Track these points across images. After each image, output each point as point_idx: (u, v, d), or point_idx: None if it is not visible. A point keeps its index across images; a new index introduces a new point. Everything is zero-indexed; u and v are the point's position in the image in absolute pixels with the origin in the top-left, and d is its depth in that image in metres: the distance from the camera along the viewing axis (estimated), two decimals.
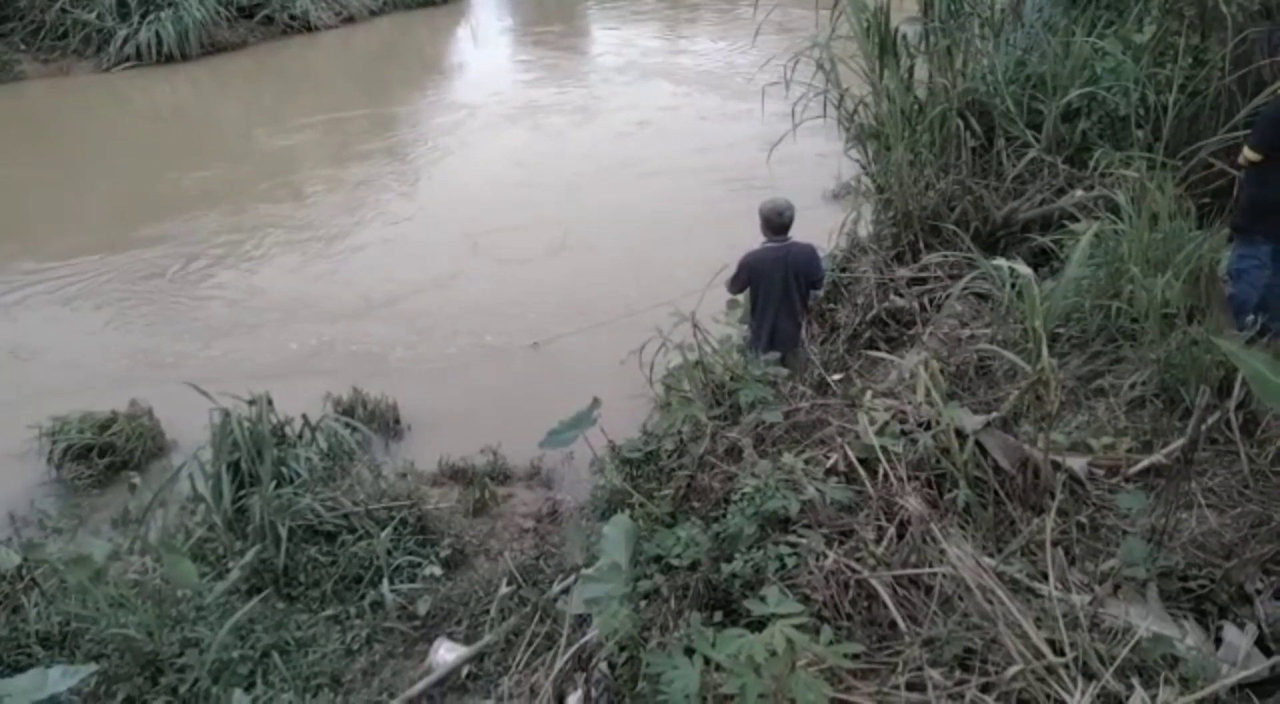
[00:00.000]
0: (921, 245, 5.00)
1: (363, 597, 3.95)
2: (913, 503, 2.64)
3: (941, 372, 3.24)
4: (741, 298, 4.96)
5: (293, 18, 16.68)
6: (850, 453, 2.92)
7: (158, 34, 15.00)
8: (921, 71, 5.76)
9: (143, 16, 15.14)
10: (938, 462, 2.85)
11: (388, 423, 5.83)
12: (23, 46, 15.12)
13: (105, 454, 5.44)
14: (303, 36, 16.63)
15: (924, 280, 4.74)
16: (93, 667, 3.15)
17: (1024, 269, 3.34)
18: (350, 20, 17.55)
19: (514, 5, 20.86)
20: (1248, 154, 3.81)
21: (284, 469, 4.45)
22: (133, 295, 7.92)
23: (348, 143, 11.64)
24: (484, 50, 16.83)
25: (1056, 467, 2.83)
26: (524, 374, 6.31)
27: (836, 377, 4.12)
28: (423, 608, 3.91)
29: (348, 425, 5.04)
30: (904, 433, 2.96)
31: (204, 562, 4.02)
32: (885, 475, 2.80)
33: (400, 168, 10.73)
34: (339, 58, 16.62)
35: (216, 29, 15.65)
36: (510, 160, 10.58)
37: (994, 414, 2.98)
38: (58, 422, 5.59)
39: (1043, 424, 2.84)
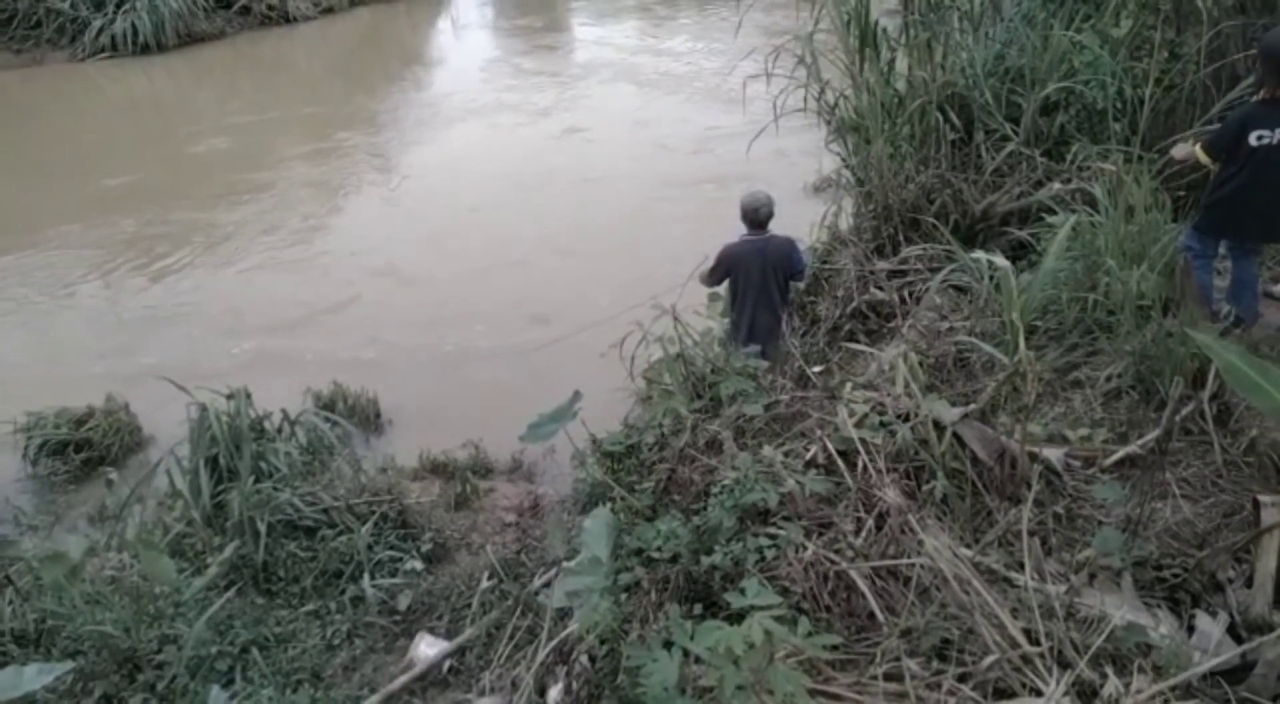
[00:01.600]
0: (901, 238, 5.02)
1: (343, 592, 3.93)
2: (891, 494, 2.66)
3: (920, 364, 3.25)
4: (721, 291, 4.97)
5: (270, 8, 16.54)
6: (830, 445, 2.94)
7: (133, 24, 14.85)
8: (901, 65, 5.78)
9: (118, 6, 14.98)
10: (916, 453, 2.87)
11: (368, 417, 5.80)
12: None
13: (81, 450, 5.38)
14: (281, 27, 16.49)
15: (904, 273, 4.77)
16: (69, 664, 3.12)
17: (1002, 262, 3.37)
18: (329, 11, 17.42)
19: None
20: (1199, 155, 3.82)
21: (263, 464, 4.42)
22: (106, 288, 7.85)
23: (322, 136, 11.54)
24: (463, 43, 16.75)
25: (1033, 458, 2.85)
26: (505, 369, 6.29)
27: (817, 369, 4.13)
28: (404, 602, 3.89)
29: (328, 420, 5.01)
30: (883, 425, 2.98)
31: (182, 558, 3.99)
32: (864, 467, 2.82)
33: (375, 162, 10.66)
34: (317, 49, 16.48)
35: (194, 19, 15.51)
36: (483, 156, 10.54)
37: (972, 406, 3.00)
38: (33, 417, 5.53)
39: (1020, 416, 2.87)
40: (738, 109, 10.74)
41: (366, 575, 3.96)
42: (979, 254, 3.74)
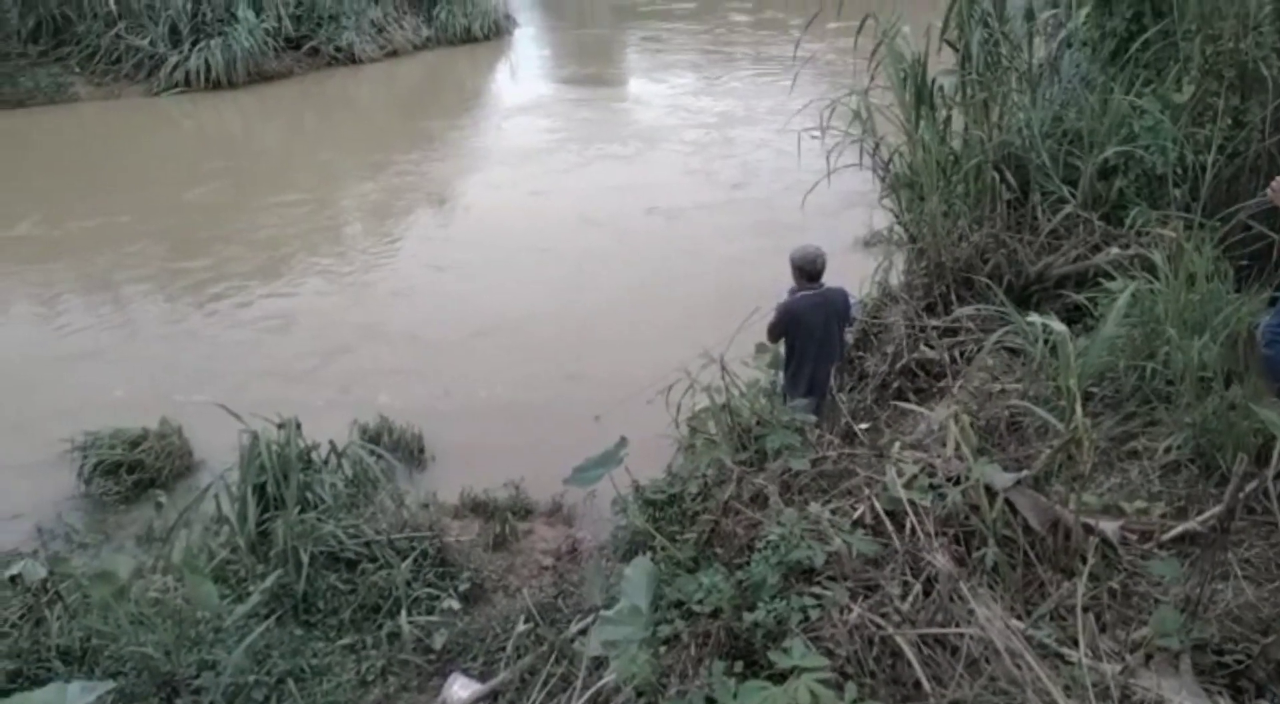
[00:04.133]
0: (953, 297, 4.97)
1: (380, 627, 3.94)
2: (940, 559, 2.61)
3: (972, 426, 3.21)
4: (775, 344, 4.96)
5: (338, 50, 17.12)
6: (878, 505, 2.89)
7: (207, 61, 15.46)
8: (957, 123, 5.78)
9: (193, 44, 15.60)
10: (966, 518, 2.82)
11: (412, 452, 5.86)
12: (77, 70, 15.62)
13: (134, 471, 5.51)
14: (347, 68, 17.05)
15: (955, 332, 4.71)
16: (110, 684, 3.15)
17: (1058, 326, 3.32)
18: (394, 54, 17.98)
19: (556, 44, 21.25)
20: None
21: (309, 494, 4.48)
22: (169, 314, 8.08)
23: (379, 171, 11.87)
24: (521, 88, 17.11)
25: (1088, 530, 2.78)
26: (549, 410, 6.32)
27: (864, 426, 4.09)
28: (439, 641, 3.89)
29: (373, 453, 5.07)
30: (932, 487, 2.93)
31: (225, 583, 4.04)
32: (913, 530, 2.77)
33: (429, 198, 10.92)
34: (380, 89, 17.00)
35: (264, 58, 16.09)
36: (534, 197, 10.71)
37: (1025, 472, 2.94)
38: (90, 436, 5.68)
39: (1075, 485, 2.80)
40: (789, 161, 10.85)
41: (404, 612, 3.97)
42: (1034, 317, 3.70)
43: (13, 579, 3.76)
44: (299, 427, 4.79)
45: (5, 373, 7.05)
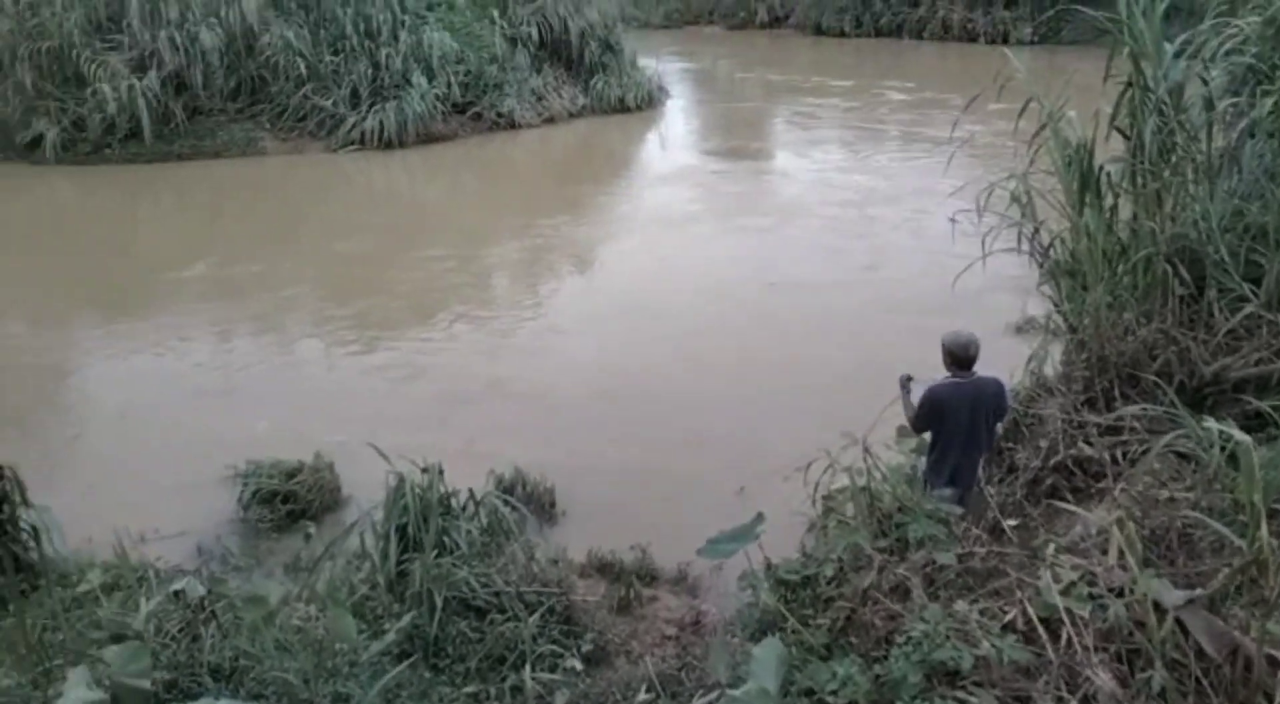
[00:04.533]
0: (1116, 394, 4.71)
1: (504, 679, 3.98)
2: (1101, 677, 2.44)
3: (1136, 534, 3.01)
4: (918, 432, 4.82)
5: (499, 116, 18.10)
6: (1031, 610, 2.74)
7: (381, 122, 16.60)
8: (1124, 212, 5.55)
9: (370, 106, 16.81)
10: (1130, 635, 2.63)
11: (543, 506, 5.96)
12: (268, 126, 17.09)
13: (287, 501, 5.83)
14: (507, 133, 17.98)
15: (1118, 430, 4.45)
16: None
17: (1240, 435, 3.09)
18: (551, 121, 18.86)
19: (705, 117, 21.75)
20: None
21: (446, 539, 4.61)
22: (316, 356, 8.62)
23: (528, 235, 12.35)
24: (669, 157, 17.56)
25: (1274, 664, 2.54)
26: (681, 477, 6.32)
27: (1012, 522, 3.90)
28: (560, 701, 3.89)
29: (508, 504, 5.19)
30: (1092, 597, 2.76)
31: (362, 618, 4.19)
32: (1069, 641, 2.61)
33: (572, 263, 11.24)
34: (536, 153, 17.83)
35: (432, 121, 17.16)
36: (674, 263, 10.84)
37: (1199, 591, 2.73)
38: (251, 465, 6.06)
39: (1258, 611, 2.58)
40: (929, 241, 10.67)
41: (528, 667, 4.00)
42: (1210, 422, 3.46)
43: (176, 594, 4.01)
44: (441, 472, 4.96)
45: (173, 400, 7.67)
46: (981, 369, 4.62)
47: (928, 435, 4.62)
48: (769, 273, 10.24)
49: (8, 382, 7.89)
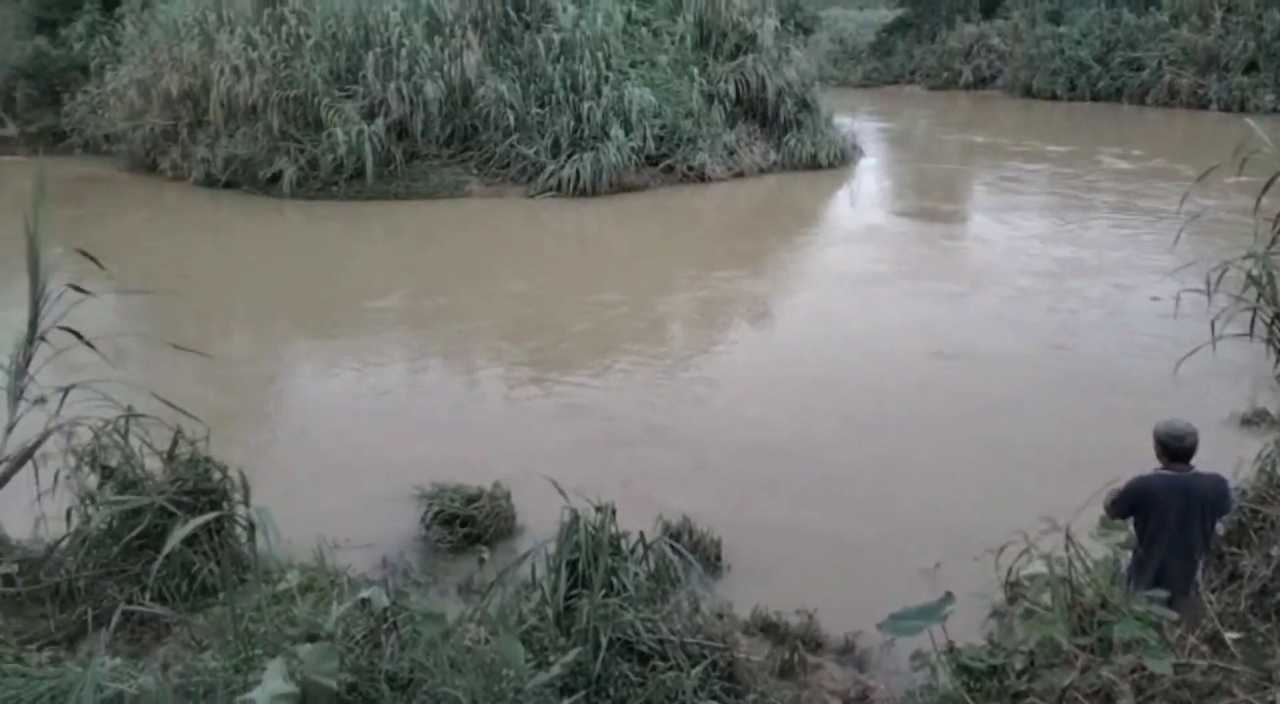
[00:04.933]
0: None
1: None
2: None
3: None
4: (1116, 519, 4.43)
5: (690, 168, 18.55)
6: None
7: (577, 171, 17.38)
8: None
9: (569, 156, 17.64)
10: None
11: (709, 557, 5.90)
12: (474, 171, 18.29)
13: (465, 525, 6.07)
14: (696, 185, 18.38)
15: None
16: None
17: None
18: (741, 175, 19.13)
19: (899, 176, 21.40)
20: None
21: (614, 579, 4.64)
22: (489, 387, 9.08)
23: (706, 286, 12.46)
24: (857, 215, 17.33)
25: None
26: (858, 545, 6.11)
27: (1235, 636, 3.49)
28: None
29: (676, 551, 5.17)
30: None
31: (529, 648, 4.26)
32: None
33: (745, 317, 11.21)
34: (723, 205, 18.09)
35: (625, 172, 17.79)
36: (845, 327, 10.56)
37: None
38: (435, 487, 6.37)
39: None
40: (1131, 319, 9.92)
41: None
42: None
43: (363, 601, 4.24)
44: (614, 513, 5.02)
45: (357, 417, 8.27)
46: (1200, 464, 4.21)
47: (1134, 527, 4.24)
48: (941, 341, 9.81)
49: (222, 387, 8.70)
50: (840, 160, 20.55)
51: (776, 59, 20.45)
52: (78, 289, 3.70)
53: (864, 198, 18.89)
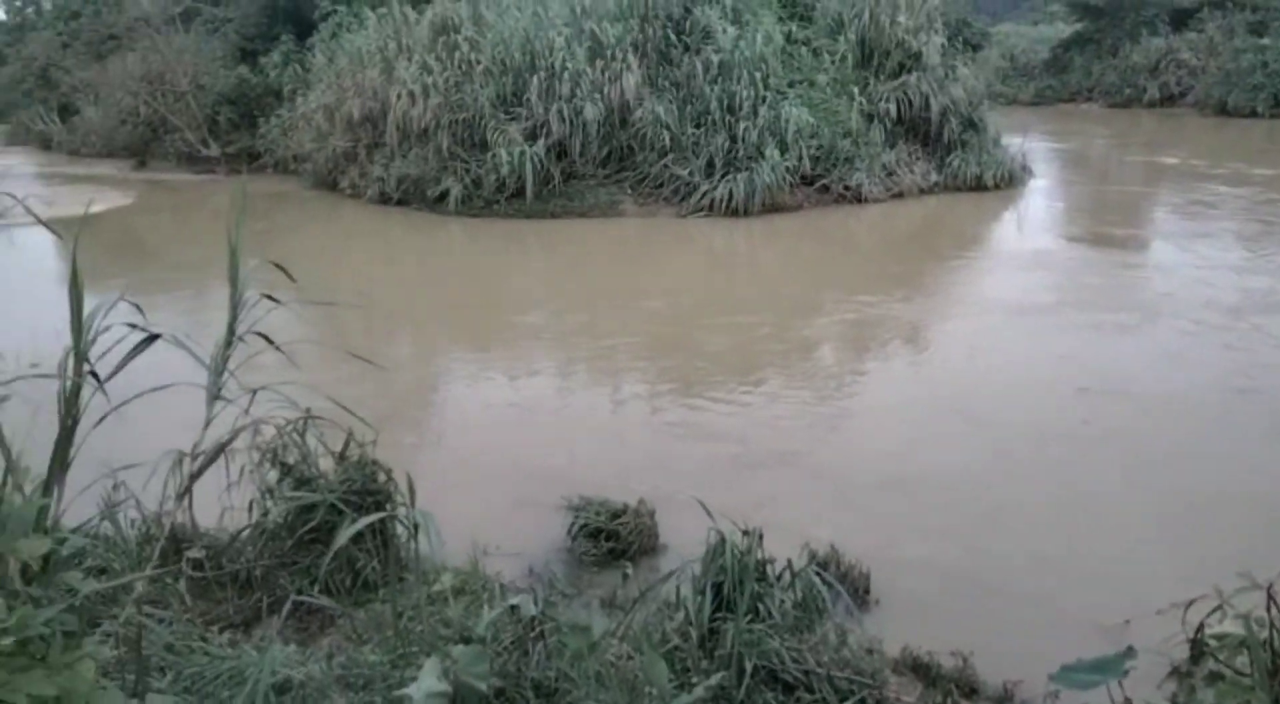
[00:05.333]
0: None
1: None
2: None
3: None
4: None
5: (847, 188, 18.24)
6: None
7: (730, 191, 17.41)
8: None
9: (722, 176, 17.69)
10: None
11: (857, 590, 5.70)
12: (629, 191, 18.64)
13: (610, 539, 6.12)
14: (851, 206, 18.04)
15: None
16: None
17: None
18: (899, 196, 18.65)
19: (1072, 199, 20.26)
20: None
21: (759, 605, 4.55)
22: (649, 400, 9.11)
23: (853, 308, 12.13)
24: (1024, 239, 16.51)
25: None
26: (1005, 585, 5.76)
27: None
28: None
29: (824, 581, 5.02)
30: None
31: (671, 667, 4.24)
32: None
33: (892, 343, 10.83)
34: (878, 227, 17.65)
35: (779, 192, 17.69)
36: (1005, 359, 9.95)
37: None
38: (583, 500, 6.47)
39: None
40: None
41: None
42: None
43: (512, 608, 4.34)
44: (761, 538, 4.93)
45: (500, 427, 8.52)
46: None
47: None
48: (1107, 377, 9.10)
49: (382, 392, 9.16)
50: (1008, 181, 19.67)
51: (942, 77, 19.85)
52: (270, 298, 3.99)
53: (1032, 221, 17.98)
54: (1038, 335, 10.72)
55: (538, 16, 19.68)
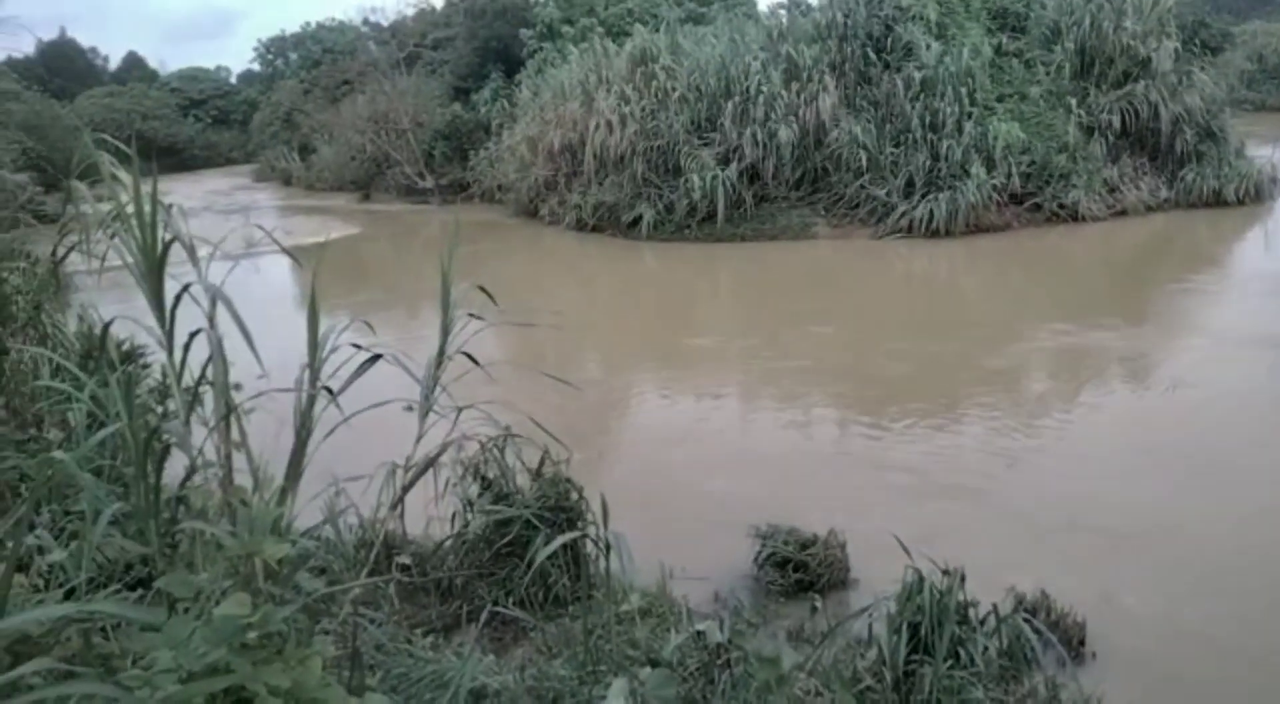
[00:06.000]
0: None
1: None
2: None
3: None
4: None
5: (1061, 206, 17.07)
6: None
7: (930, 211, 16.73)
8: None
9: (922, 196, 17.03)
10: None
11: (1070, 641, 5.22)
12: (822, 212, 18.36)
13: (798, 570, 5.95)
14: (1066, 225, 16.84)
15: None
16: None
17: None
18: (1122, 214, 17.22)
19: None
20: None
21: (960, 650, 4.27)
22: (805, 431, 8.95)
23: (1071, 334, 11.26)
24: (1271, 262, 14.74)
25: None
26: (1250, 643, 5.11)
27: None
28: None
29: (1035, 630, 4.65)
30: None
31: None
32: None
33: (1117, 374, 9.94)
34: (1096, 248, 16.36)
35: (985, 212, 16.83)
36: (1254, 399, 8.81)
37: None
38: (770, 528, 6.34)
39: None
40: None
41: None
42: None
43: (699, 634, 4.30)
44: (963, 579, 4.63)
45: (670, 447, 8.56)
46: None
47: None
48: None
49: (570, 411, 9.39)
50: (1253, 197, 17.70)
51: (1175, 84, 18.18)
52: (476, 317, 4.20)
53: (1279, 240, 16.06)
54: (1270, 370, 9.50)
55: (734, 42, 19.84)
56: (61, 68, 58.04)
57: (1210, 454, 7.60)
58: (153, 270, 3.02)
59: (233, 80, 65.61)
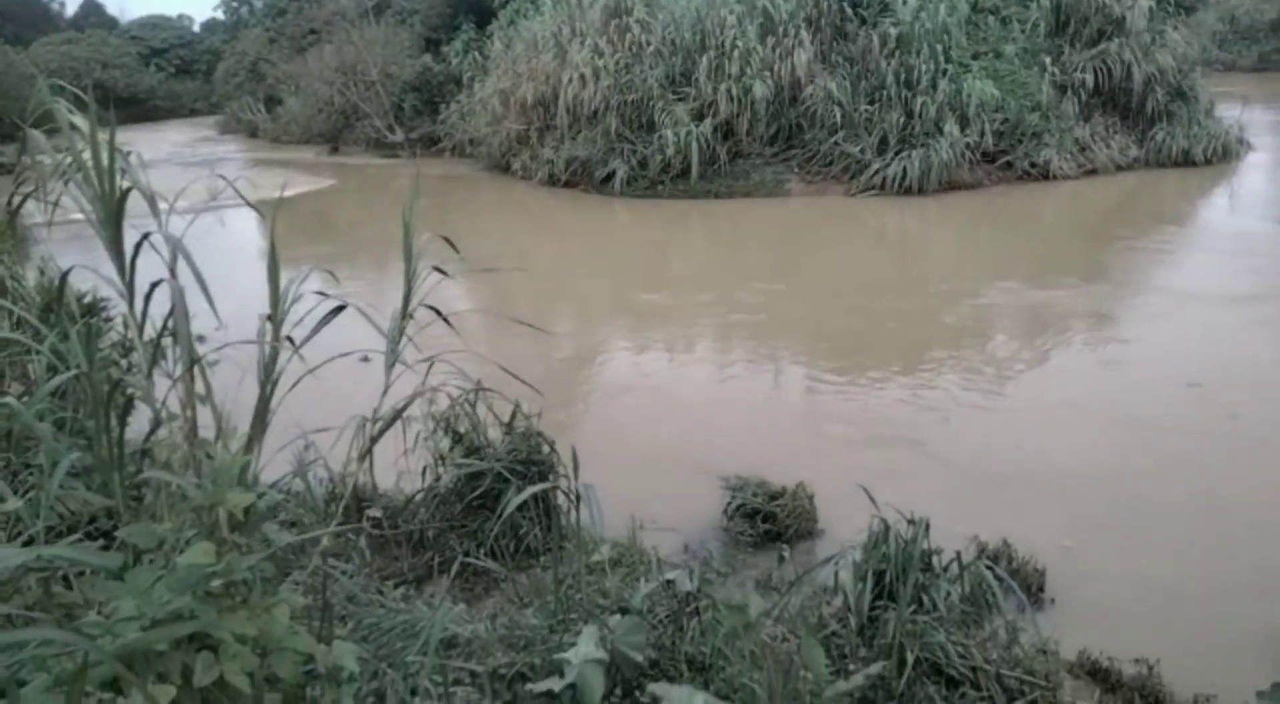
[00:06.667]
0: None
1: None
2: None
3: None
4: None
5: (1033, 165, 17.13)
6: None
7: (904, 169, 16.75)
8: None
9: (896, 154, 17.03)
10: None
11: (1030, 587, 5.38)
12: (796, 170, 18.30)
13: (766, 521, 6.05)
14: (1037, 184, 16.94)
15: None
16: None
17: None
18: (1092, 173, 17.35)
19: None
20: None
21: (923, 596, 4.37)
22: (779, 386, 9.01)
23: (1037, 291, 11.39)
24: (1232, 222, 14.94)
25: None
26: (1206, 592, 5.28)
27: None
28: None
29: (996, 576, 4.76)
30: None
31: (828, 653, 4.14)
32: None
33: (1075, 329, 10.07)
34: (1065, 206, 16.48)
35: (957, 169, 16.85)
36: (1209, 360, 8.84)
37: None
38: (740, 480, 6.42)
39: None
40: None
41: None
42: None
43: (668, 583, 4.37)
44: (927, 528, 4.73)
45: (657, 404, 8.61)
46: None
47: None
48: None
49: (541, 364, 9.41)
50: (1220, 156, 17.89)
51: (1148, 43, 18.21)
52: (440, 271, 4.17)
53: (1246, 200, 16.27)
54: (1241, 331, 9.58)
55: None
56: (15, 13, 56.19)
57: (1161, 415, 7.76)
58: (110, 219, 2.95)
59: (196, 28, 63.85)
